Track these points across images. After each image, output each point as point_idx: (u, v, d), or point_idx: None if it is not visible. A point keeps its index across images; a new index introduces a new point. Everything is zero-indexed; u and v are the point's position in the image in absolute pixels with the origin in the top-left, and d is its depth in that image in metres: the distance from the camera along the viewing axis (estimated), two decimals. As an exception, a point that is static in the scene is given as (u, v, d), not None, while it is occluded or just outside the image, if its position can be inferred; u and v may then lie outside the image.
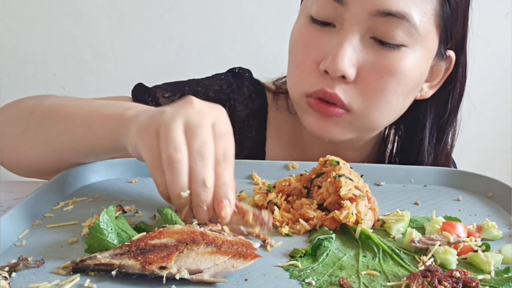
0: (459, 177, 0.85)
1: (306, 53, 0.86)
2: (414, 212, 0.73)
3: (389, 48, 0.82)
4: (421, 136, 0.97)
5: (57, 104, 0.83)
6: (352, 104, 0.85)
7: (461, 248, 0.60)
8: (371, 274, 0.56)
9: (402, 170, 0.87)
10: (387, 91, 0.84)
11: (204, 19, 1.82)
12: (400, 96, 0.86)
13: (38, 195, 0.70)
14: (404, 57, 0.83)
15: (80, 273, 0.54)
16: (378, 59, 0.82)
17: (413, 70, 0.84)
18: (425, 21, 0.82)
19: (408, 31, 0.81)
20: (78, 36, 1.79)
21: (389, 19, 0.80)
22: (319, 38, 0.85)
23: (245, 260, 0.54)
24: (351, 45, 0.81)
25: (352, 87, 0.84)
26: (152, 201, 0.75)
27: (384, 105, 0.86)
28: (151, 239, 0.55)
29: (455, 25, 0.88)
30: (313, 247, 0.60)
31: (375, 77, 0.83)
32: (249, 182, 0.84)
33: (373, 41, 0.82)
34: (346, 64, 0.81)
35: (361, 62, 0.82)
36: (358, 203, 0.66)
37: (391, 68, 0.82)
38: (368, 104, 0.85)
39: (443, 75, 0.93)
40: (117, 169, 0.85)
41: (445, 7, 0.84)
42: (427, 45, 0.85)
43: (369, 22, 0.81)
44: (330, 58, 0.82)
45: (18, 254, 0.57)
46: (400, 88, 0.85)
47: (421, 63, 0.86)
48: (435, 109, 0.97)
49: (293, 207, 0.71)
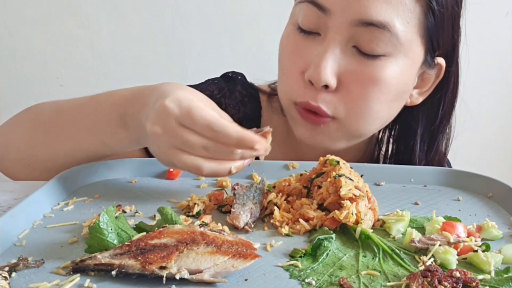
0: (459, 177, 0.85)
1: (292, 61, 0.88)
2: (414, 212, 0.73)
3: (371, 58, 0.82)
4: (412, 142, 0.98)
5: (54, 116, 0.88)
6: (336, 114, 0.86)
7: (461, 248, 0.60)
8: (371, 274, 0.56)
9: (402, 170, 0.87)
10: (369, 100, 0.85)
11: (204, 19, 1.82)
12: (384, 104, 0.86)
13: (38, 195, 0.70)
14: (386, 66, 0.83)
15: (80, 273, 0.54)
16: (359, 68, 0.83)
17: (396, 79, 0.84)
18: (408, 30, 0.82)
19: (390, 40, 0.81)
20: (78, 36, 1.79)
21: (371, 29, 0.80)
22: (304, 47, 0.86)
23: (245, 260, 0.54)
24: (333, 55, 0.82)
25: (335, 96, 0.85)
26: (152, 201, 0.75)
27: (368, 113, 0.86)
28: (151, 239, 0.55)
29: (442, 34, 0.88)
30: (313, 247, 0.60)
31: (357, 86, 0.84)
32: (249, 182, 0.84)
33: (355, 50, 0.83)
34: (328, 74, 0.82)
35: (342, 71, 0.83)
36: (358, 203, 0.66)
37: (373, 77, 0.83)
38: (352, 112, 0.86)
39: (433, 82, 0.93)
40: (117, 169, 0.85)
41: (429, 17, 0.84)
42: (410, 54, 0.85)
43: (351, 31, 0.81)
44: (313, 68, 0.83)
45: (18, 254, 0.57)
46: (383, 97, 0.85)
47: (404, 72, 0.86)
48: (426, 115, 0.97)
49: (293, 207, 0.71)
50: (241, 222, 0.66)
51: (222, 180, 0.82)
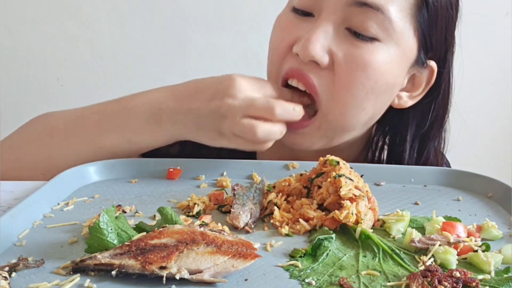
0: (459, 177, 0.85)
1: (281, 38, 0.88)
2: (414, 212, 0.73)
3: (362, 40, 0.82)
4: (401, 148, 0.96)
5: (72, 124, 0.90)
6: (322, 93, 0.84)
7: (461, 248, 0.60)
8: (371, 274, 0.56)
9: (402, 170, 0.87)
10: (355, 84, 0.83)
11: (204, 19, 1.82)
12: (369, 94, 0.84)
13: (38, 195, 0.70)
14: (376, 51, 0.82)
15: (80, 273, 0.54)
16: (350, 49, 0.82)
17: (385, 67, 0.84)
18: (401, 17, 0.83)
19: (383, 24, 0.81)
20: (78, 36, 1.79)
21: (365, 9, 0.81)
22: (296, 25, 0.86)
23: (245, 260, 0.54)
24: (324, 31, 0.82)
25: (325, 74, 0.84)
26: (152, 201, 0.75)
27: (352, 100, 0.84)
28: (151, 239, 0.55)
29: (435, 32, 0.87)
30: (313, 247, 0.60)
31: (345, 67, 0.83)
32: (249, 182, 0.84)
33: (347, 32, 0.83)
34: (317, 49, 0.81)
35: (334, 50, 0.83)
36: (358, 203, 0.66)
37: (362, 60, 0.82)
38: (338, 95, 0.84)
39: (424, 87, 0.92)
40: (117, 169, 0.85)
41: (423, 10, 0.85)
42: (402, 44, 0.84)
43: (345, 12, 0.82)
44: (302, 41, 0.83)
45: (18, 254, 0.57)
46: (369, 84, 0.83)
47: (394, 61, 0.85)
48: (416, 121, 0.96)
49: (293, 207, 0.71)
50: (241, 223, 0.66)
51: (222, 180, 0.82)
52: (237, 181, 0.83)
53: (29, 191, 0.72)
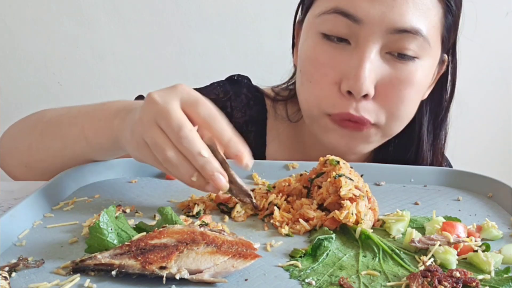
0: (459, 177, 0.85)
1: (323, 72, 0.87)
2: (414, 212, 0.73)
3: (405, 61, 0.85)
4: (419, 134, 1.01)
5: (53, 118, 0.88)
6: (377, 120, 0.88)
7: (461, 248, 0.60)
8: (371, 274, 0.56)
9: (402, 170, 0.87)
10: (406, 101, 0.88)
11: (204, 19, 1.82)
12: (417, 103, 0.92)
13: (38, 195, 0.70)
14: (418, 68, 0.86)
15: (80, 273, 0.54)
16: (395, 73, 0.85)
17: (426, 78, 0.89)
18: (433, 33, 0.86)
19: (422, 45, 0.84)
20: (78, 36, 1.79)
21: (404, 35, 0.82)
22: (335, 57, 0.86)
23: (245, 260, 0.54)
24: (371, 63, 0.83)
25: (374, 104, 0.86)
26: (152, 201, 0.75)
27: (404, 114, 0.90)
28: (151, 239, 0.55)
29: (455, 33, 0.92)
30: (313, 247, 0.60)
31: (393, 89, 0.86)
32: (249, 182, 0.84)
33: (389, 55, 0.85)
34: (368, 84, 0.83)
35: (379, 78, 0.85)
36: (358, 203, 0.66)
37: (408, 80, 0.85)
38: (392, 116, 0.88)
39: (436, 75, 0.97)
40: (117, 169, 0.85)
41: (448, 18, 0.88)
42: (434, 55, 0.89)
43: (385, 39, 0.83)
44: (353, 79, 0.83)
45: (18, 254, 0.57)
46: (417, 96, 0.90)
47: (429, 71, 0.90)
48: (430, 108, 1.01)
49: (293, 207, 0.71)
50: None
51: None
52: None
53: (29, 191, 0.72)
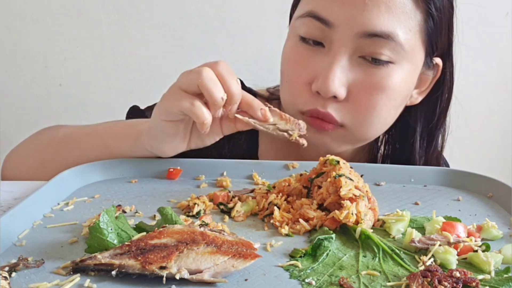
0: (459, 177, 0.85)
1: (297, 73, 0.89)
2: (414, 212, 0.73)
3: (377, 66, 0.84)
4: (412, 140, 1.00)
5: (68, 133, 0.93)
6: (344, 121, 0.88)
7: (461, 248, 0.60)
8: (371, 274, 0.56)
9: (402, 170, 0.87)
10: (378, 107, 0.87)
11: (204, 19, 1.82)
12: (391, 110, 0.89)
13: (38, 195, 0.70)
14: (392, 74, 0.85)
15: (80, 273, 0.54)
16: (367, 77, 0.85)
17: (401, 85, 0.87)
18: (410, 37, 0.84)
19: (394, 49, 0.83)
20: (78, 36, 1.79)
21: (375, 39, 0.82)
22: (309, 59, 0.87)
23: (245, 260, 0.54)
24: (340, 66, 0.84)
25: (343, 105, 0.86)
26: (152, 201, 0.75)
27: (376, 120, 0.88)
28: (151, 239, 0.55)
29: (440, 37, 0.90)
30: (313, 247, 0.60)
31: (365, 94, 0.85)
32: (249, 182, 0.84)
33: (361, 60, 0.85)
34: (336, 85, 0.83)
35: (350, 81, 0.85)
36: (358, 203, 0.65)
37: (380, 85, 0.85)
38: (361, 120, 0.88)
39: (431, 81, 0.96)
40: (117, 169, 0.85)
41: (429, 22, 0.86)
42: (413, 60, 0.87)
43: (356, 43, 0.83)
44: (321, 79, 0.84)
45: (18, 254, 0.57)
46: (390, 103, 0.87)
47: (408, 77, 0.88)
48: (424, 114, 0.99)
49: (293, 207, 0.71)
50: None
51: (222, 180, 0.82)
52: (237, 181, 0.83)
53: (29, 191, 0.72)
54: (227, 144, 1.01)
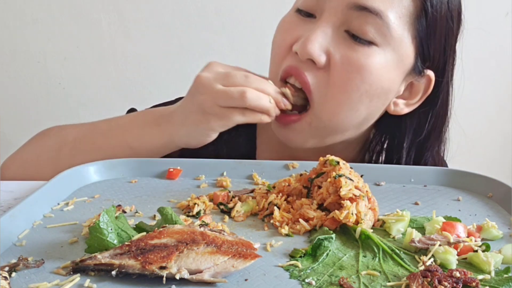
0: (459, 177, 0.85)
1: (283, 38, 0.90)
2: (414, 212, 0.73)
3: (360, 43, 0.84)
4: (397, 156, 0.97)
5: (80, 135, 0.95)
6: (315, 91, 0.86)
7: (461, 248, 0.60)
8: (371, 274, 0.56)
9: (402, 170, 0.87)
10: (349, 86, 0.85)
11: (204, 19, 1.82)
12: (363, 96, 0.86)
13: (38, 195, 0.70)
14: (373, 55, 0.84)
15: (80, 273, 0.54)
16: (347, 52, 0.84)
17: (381, 71, 0.85)
18: (399, 24, 0.84)
19: (381, 29, 0.83)
20: (78, 36, 1.79)
21: (364, 13, 0.82)
22: (298, 26, 0.88)
23: (245, 260, 0.54)
24: (323, 32, 0.84)
25: (320, 74, 0.85)
26: (152, 201, 0.75)
27: (345, 100, 0.86)
28: (151, 239, 0.55)
29: (433, 42, 0.88)
30: (313, 247, 0.60)
31: (341, 69, 0.84)
32: (249, 182, 0.84)
33: (346, 34, 0.85)
34: (315, 48, 0.83)
35: (331, 51, 0.84)
36: (358, 203, 0.66)
37: (358, 63, 0.84)
38: (331, 95, 0.85)
39: (421, 95, 0.92)
40: (117, 169, 0.85)
41: (421, 19, 0.86)
42: (399, 50, 0.85)
43: (345, 15, 0.84)
44: (301, 40, 0.85)
45: (18, 254, 0.57)
46: (364, 87, 0.85)
47: (390, 66, 0.86)
48: (413, 129, 0.96)
49: (293, 207, 0.71)
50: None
51: (222, 180, 0.82)
52: (237, 181, 0.83)
53: (29, 191, 0.72)
54: (225, 146, 1.01)
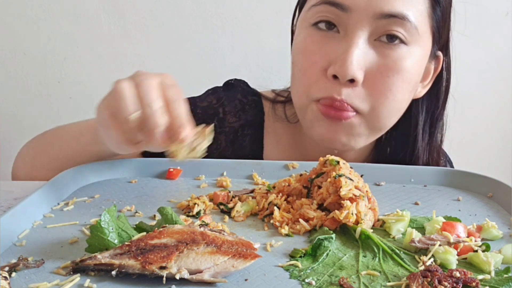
0: (459, 177, 0.85)
1: (313, 60, 0.87)
2: (414, 212, 0.73)
3: (392, 47, 0.85)
4: (415, 133, 1.00)
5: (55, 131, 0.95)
6: (360, 107, 0.86)
7: (461, 248, 0.60)
8: (371, 274, 0.56)
9: (402, 170, 0.87)
10: (394, 89, 0.87)
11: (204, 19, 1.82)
12: (406, 93, 0.89)
13: (38, 195, 0.70)
14: (406, 56, 0.86)
15: (80, 273, 0.54)
16: (382, 59, 0.85)
17: (414, 68, 0.88)
18: (421, 21, 0.86)
19: (409, 30, 0.84)
20: (78, 36, 1.79)
21: (392, 20, 0.83)
22: (324, 45, 0.86)
23: (245, 260, 0.54)
24: (358, 49, 0.83)
25: (359, 90, 0.86)
26: (152, 201, 0.75)
27: (392, 103, 0.88)
28: (151, 239, 0.55)
29: (444, 27, 0.92)
30: (313, 247, 0.60)
31: (381, 76, 0.85)
32: (249, 182, 0.84)
33: (377, 42, 0.85)
34: (355, 68, 0.83)
35: (368, 65, 0.85)
36: (358, 203, 0.66)
37: (396, 66, 0.85)
38: (377, 103, 0.87)
39: (432, 75, 0.97)
40: (117, 169, 0.85)
41: (437, 10, 0.88)
42: (423, 44, 0.88)
43: (373, 25, 0.83)
44: (340, 63, 0.83)
45: (18, 254, 0.57)
46: (405, 85, 0.88)
47: (419, 61, 0.89)
48: (426, 107, 1.00)
49: (293, 207, 0.71)
50: None
51: (222, 180, 0.82)
52: (237, 181, 0.84)
53: (29, 191, 0.72)
54: (230, 146, 1.01)
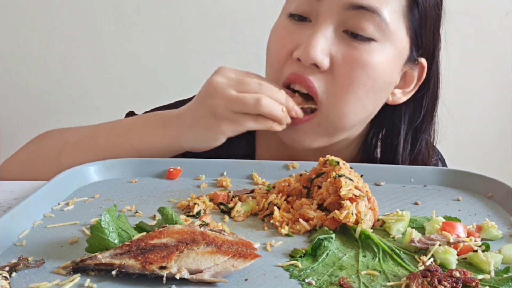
0: (459, 177, 0.85)
1: (281, 44, 0.90)
2: (414, 212, 0.73)
3: (360, 41, 0.85)
4: (396, 142, 0.99)
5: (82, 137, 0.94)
6: (322, 95, 0.87)
7: (461, 248, 0.60)
8: (371, 274, 0.56)
9: (402, 170, 0.87)
10: (356, 84, 0.86)
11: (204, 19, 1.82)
12: (370, 92, 0.88)
13: (38, 195, 0.70)
14: (374, 51, 0.85)
15: (80, 273, 0.54)
16: (349, 51, 0.85)
17: (382, 66, 0.87)
18: (395, 18, 0.86)
19: (379, 25, 0.84)
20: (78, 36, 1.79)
21: (361, 12, 0.83)
22: (294, 32, 0.88)
23: (245, 260, 0.54)
24: (324, 36, 0.84)
25: (324, 76, 0.86)
26: (152, 201, 0.75)
27: (353, 99, 0.87)
28: (151, 239, 0.55)
29: (425, 30, 0.91)
30: (313, 247, 0.60)
31: (345, 68, 0.85)
32: (249, 182, 0.84)
33: (345, 34, 0.85)
34: (318, 52, 0.84)
35: (333, 53, 0.85)
36: (358, 203, 0.66)
37: (361, 60, 0.85)
38: (339, 95, 0.87)
39: (416, 83, 0.95)
40: (117, 169, 0.85)
41: (414, 11, 0.88)
42: (397, 44, 0.88)
43: (342, 15, 0.84)
44: (303, 46, 0.85)
45: (18, 254, 0.57)
46: (369, 83, 0.87)
47: (390, 60, 0.88)
48: (409, 115, 0.99)
49: (293, 207, 0.71)
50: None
51: (222, 180, 0.82)
52: (237, 181, 0.84)
53: (29, 191, 0.72)
54: (225, 148, 1.01)
